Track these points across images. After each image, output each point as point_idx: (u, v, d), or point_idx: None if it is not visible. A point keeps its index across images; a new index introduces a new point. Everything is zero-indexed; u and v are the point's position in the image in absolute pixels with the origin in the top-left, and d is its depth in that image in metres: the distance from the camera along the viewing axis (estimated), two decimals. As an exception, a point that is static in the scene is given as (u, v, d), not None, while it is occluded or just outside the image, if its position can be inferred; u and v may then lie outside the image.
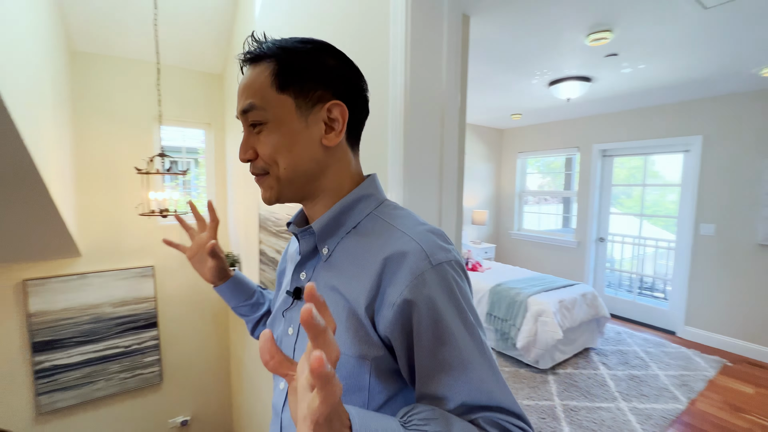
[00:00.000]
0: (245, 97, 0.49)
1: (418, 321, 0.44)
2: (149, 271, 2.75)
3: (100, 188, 2.54)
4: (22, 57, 1.38)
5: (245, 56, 0.51)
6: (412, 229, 0.48)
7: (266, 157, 0.50)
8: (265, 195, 0.53)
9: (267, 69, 0.49)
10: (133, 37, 2.40)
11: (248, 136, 0.51)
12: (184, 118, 2.82)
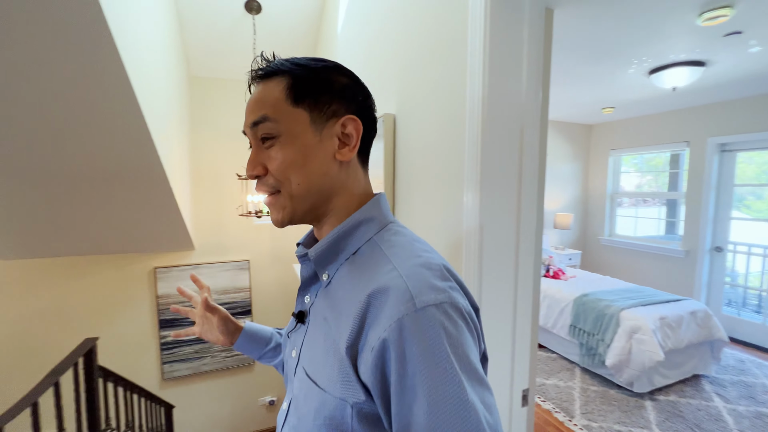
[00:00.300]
0: (257, 110, 0.47)
1: (393, 373, 0.37)
2: (246, 264, 3.12)
3: (209, 192, 2.97)
4: (158, 85, 1.70)
5: (256, 73, 0.49)
6: (404, 262, 0.43)
7: (278, 173, 0.47)
8: (278, 216, 0.49)
9: (281, 83, 0.47)
10: (236, 60, 2.76)
11: (258, 151, 0.48)
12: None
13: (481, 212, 0.82)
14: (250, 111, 0.48)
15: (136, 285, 2.83)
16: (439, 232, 0.97)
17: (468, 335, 0.39)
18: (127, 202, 2.09)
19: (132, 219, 2.29)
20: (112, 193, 1.98)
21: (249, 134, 0.49)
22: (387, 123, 1.24)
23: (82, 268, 2.69)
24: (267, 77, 0.48)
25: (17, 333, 2.58)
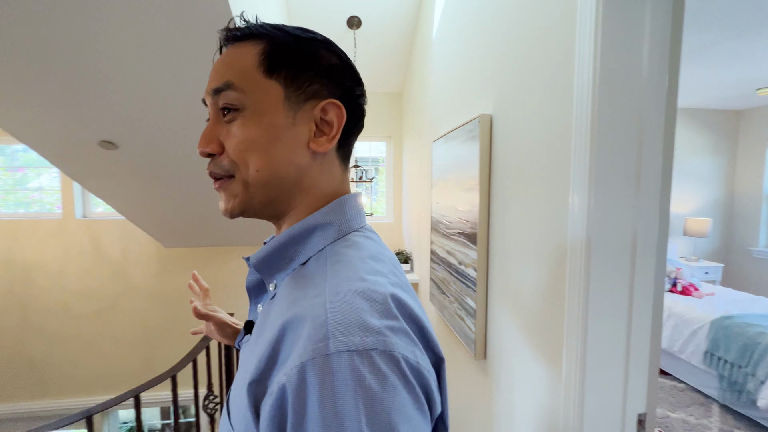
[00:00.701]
0: (221, 75, 0.39)
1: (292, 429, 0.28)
2: (343, 260, 3.39)
3: (314, 194, 3.30)
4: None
5: (230, 33, 0.41)
6: (338, 286, 0.33)
7: (235, 153, 0.39)
8: (227, 205, 0.41)
9: (255, 47, 0.39)
10: (338, 73, 3.01)
11: (215, 124, 0.40)
12: (371, 134, 3.34)
13: (590, 216, 0.76)
14: (213, 75, 0.40)
15: (256, 274, 3.31)
16: (541, 238, 0.93)
17: (404, 396, 0.29)
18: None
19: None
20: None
21: (209, 103, 0.41)
22: (483, 124, 1.23)
23: (218, 256, 3.25)
24: (241, 39, 0.40)
25: (174, 304, 3.24)
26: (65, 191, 3.11)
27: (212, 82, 0.40)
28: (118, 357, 3.22)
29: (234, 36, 0.41)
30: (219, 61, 0.41)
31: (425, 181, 2.29)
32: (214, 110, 0.41)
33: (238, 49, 0.40)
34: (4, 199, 3.25)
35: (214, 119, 0.40)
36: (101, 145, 1.82)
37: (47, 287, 3.13)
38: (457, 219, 1.52)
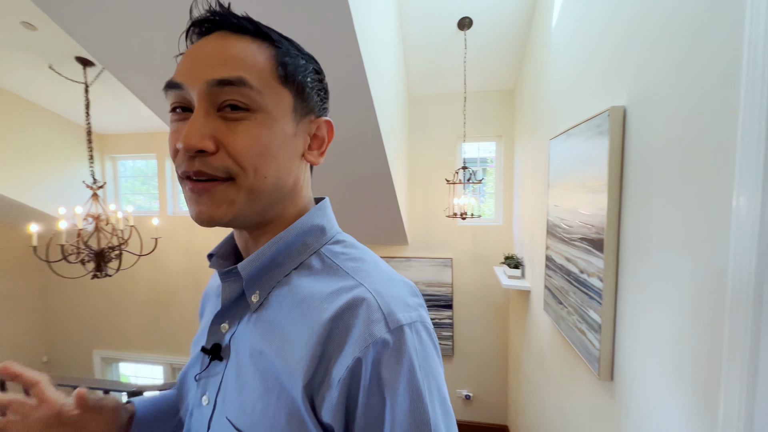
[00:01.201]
0: (231, 67, 0.36)
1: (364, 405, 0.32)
2: (449, 262, 3.39)
3: (421, 195, 3.39)
4: (389, 103, 2.10)
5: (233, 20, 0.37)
6: (370, 276, 0.37)
7: (244, 157, 0.36)
8: (213, 211, 0.37)
9: (267, 50, 0.38)
10: (448, 76, 3.03)
11: (209, 117, 0.36)
12: (480, 134, 3.26)
13: (764, 222, 0.62)
14: (222, 59, 0.36)
15: (366, 269, 3.57)
16: (689, 246, 0.79)
17: (436, 357, 0.37)
18: (361, 202, 2.68)
19: (363, 215, 2.91)
20: (353, 195, 2.58)
21: (200, 91, 0.36)
22: (614, 117, 1.10)
23: (334, 252, 3.62)
24: (246, 33, 0.38)
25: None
26: (224, 193, 3.89)
27: (216, 71, 0.35)
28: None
29: (240, 26, 0.38)
30: (222, 49, 0.36)
31: (540, 182, 2.14)
32: (206, 102, 0.36)
33: (246, 44, 0.37)
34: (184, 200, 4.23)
35: (206, 113, 0.36)
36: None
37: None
38: (578, 223, 1.39)
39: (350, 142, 1.93)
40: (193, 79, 0.36)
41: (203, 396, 0.41)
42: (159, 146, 3.93)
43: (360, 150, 2.00)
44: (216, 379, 0.40)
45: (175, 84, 0.36)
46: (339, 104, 1.62)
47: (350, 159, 2.10)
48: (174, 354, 4.09)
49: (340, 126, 1.79)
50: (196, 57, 0.37)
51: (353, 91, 1.55)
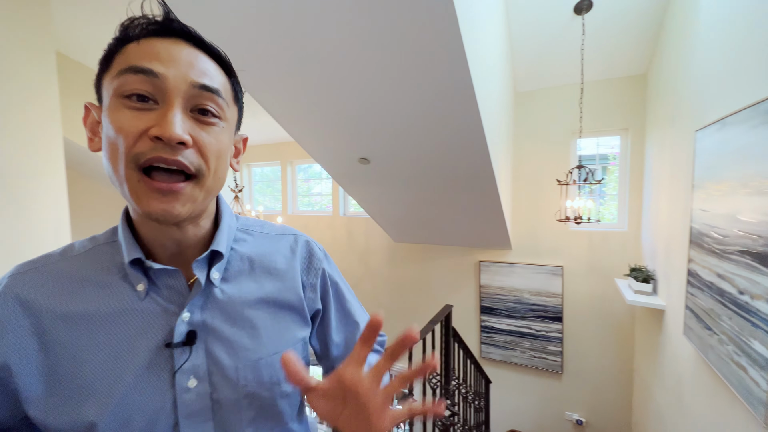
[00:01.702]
0: (211, 78, 0.41)
1: (331, 290, 0.58)
2: (558, 270, 3.09)
3: (527, 197, 3.17)
4: (494, 101, 2.03)
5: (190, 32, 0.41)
6: (285, 228, 0.58)
7: (209, 156, 0.41)
8: (180, 209, 0.40)
9: (220, 71, 0.43)
10: (560, 66, 2.77)
11: (187, 117, 0.39)
12: (599, 128, 2.90)
13: None
14: (201, 70, 0.40)
15: (466, 272, 3.50)
16: None
17: None
18: (460, 203, 2.64)
19: (466, 218, 2.86)
20: (455, 196, 2.56)
21: (180, 89, 0.38)
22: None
23: (433, 253, 3.65)
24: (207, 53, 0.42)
25: (399, 289, 3.87)
26: (334, 196, 4.26)
27: (201, 76, 0.40)
28: (360, 324, 4.14)
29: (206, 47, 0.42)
30: (199, 60, 0.41)
31: (681, 182, 1.80)
32: (186, 101, 0.39)
33: (214, 64, 0.43)
34: (302, 201, 4.78)
35: (183, 112, 0.39)
36: (360, 161, 2.41)
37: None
38: (737, 232, 1.14)
39: (451, 141, 1.93)
40: (176, 77, 0.38)
41: (188, 384, 0.42)
42: (282, 155, 4.52)
43: (461, 149, 1.99)
44: (197, 357, 0.43)
45: (151, 71, 0.37)
46: (440, 102, 1.64)
47: (450, 158, 2.10)
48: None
49: (441, 124, 1.82)
50: (176, 57, 0.39)
51: (456, 90, 1.55)
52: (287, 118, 2.05)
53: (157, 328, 0.42)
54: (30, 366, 0.39)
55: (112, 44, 0.40)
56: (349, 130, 2.04)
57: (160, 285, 0.44)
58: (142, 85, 0.37)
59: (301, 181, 4.75)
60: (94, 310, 0.41)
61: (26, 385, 0.39)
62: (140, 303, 0.43)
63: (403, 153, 2.17)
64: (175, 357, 0.42)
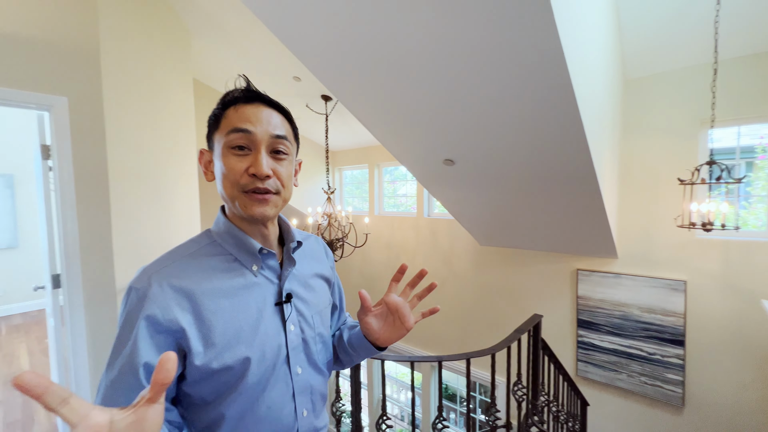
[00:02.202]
0: (280, 128, 0.62)
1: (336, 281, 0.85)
2: (680, 285, 2.62)
3: (639, 198, 2.77)
4: (594, 91, 1.82)
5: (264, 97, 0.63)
6: (305, 232, 0.80)
7: (283, 181, 0.62)
8: (270, 211, 0.61)
9: (286, 122, 0.64)
10: (683, 46, 2.36)
11: (268, 157, 0.60)
12: (742, 114, 2.38)
13: None
14: (274, 124, 0.61)
15: (560, 281, 3.20)
16: None
17: None
18: (559, 206, 2.42)
19: (561, 221, 2.62)
20: (548, 197, 2.37)
21: (264, 140, 0.60)
22: None
23: (523, 258, 3.43)
24: (276, 109, 0.63)
25: (484, 294, 3.74)
26: (418, 197, 4.31)
27: (275, 129, 0.61)
28: (442, 326, 4.10)
29: (275, 105, 0.64)
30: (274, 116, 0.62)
31: None
32: (267, 147, 0.60)
33: (281, 117, 0.64)
34: (388, 202, 4.94)
35: (266, 153, 0.60)
36: (444, 163, 2.40)
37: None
38: None
39: (545, 138, 1.80)
40: (262, 132, 0.60)
41: (291, 328, 0.65)
42: (370, 158, 4.75)
43: (556, 147, 1.83)
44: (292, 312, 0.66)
45: (246, 130, 0.59)
46: (533, 99, 1.55)
47: (543, 157, 1.96)
48: (375, 332, 4.85)
49: (533, 122, 1.70)
50: (260, 118, 0.60)
51: (550, 85, 1.44)
52: (374, 123, 2.15)
53: (269, 294, 0.64)
54: (192, 331, 0.56)
55: (218, 110, 0.62)
56: (433, 131, 2.06)
57: (265, 265, 0.65)
58: (242, 140, 0.59)
59: (387, 183, 4.91)
60: (228, 286, 0.60)
61: (193, 344, 0.55)
62: (254, 278, 0.63)
63: (490, 153, 2.10)
64: (284, 311, 0.65)
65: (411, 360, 1.42)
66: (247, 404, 0.59)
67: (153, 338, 0.53)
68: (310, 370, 0.67)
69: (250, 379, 0.58)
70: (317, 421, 0.68)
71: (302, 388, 0.65)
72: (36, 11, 1.75)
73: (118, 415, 0.37)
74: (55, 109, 1.82)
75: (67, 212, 1.87)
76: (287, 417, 0.63)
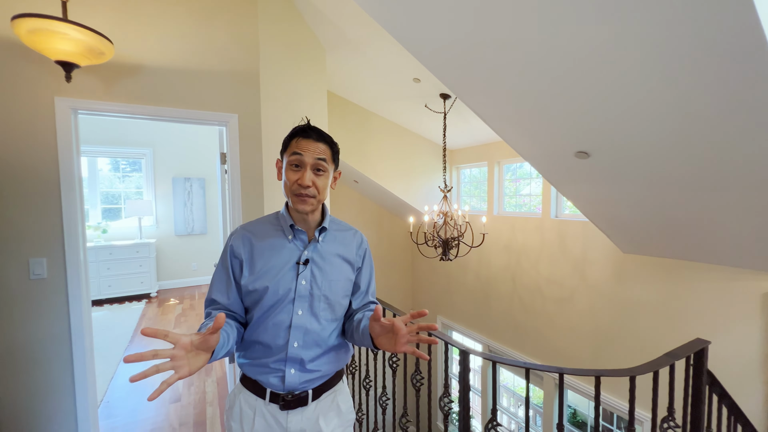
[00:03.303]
0: (321, 153, 0.94)
1: (366, 261, 1.07)
2: None
3: None
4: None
5: (321, 132, 0.96)
6: (348, 225, 1.08)
7: (320, 190, 0.95)
8: (307, 208, 0.94)
9: (329, 150, 0.96)
10: None
11: (311, 173, 0.93)
12: None
13: None
14: (316, 151, 0.93)
15: (743, 305, 2.46)
16: None
17: None
18: (744, 208, 1.87)
19: (747, 228, 2.02)
20: (727, 197, 1.85)
21: (309, 162, 0.92)
22: None
23: (683, 271, 2.76)
24: (322, 140, 0.95)
25: (626, 310, 3.16)
26: (544, 196, 3.91)
27: (318, 154, 0.93)
28: (570, 341, 3.63)
29: (322, 137, 0.95)
30: (319, 146, 0.94)
31: None
32: (310, 166, 0.92)
33: (325, 146, 0.95)
34: (508, 202, 4.64)
35: (310, 171, 0.92)
36: (576, 156, 2.12)
37: (528, 269, 4.12)
38: None
39: (719, 120, 1.41)
40: (309, 157, 0.92)
41: (302, 282, 0.94)
42: (489, 155, 4.54)
43: (741, 131, 1.42)
44: (307, 271, 0.95)
45: (300, 154, 0.92)
46: (721, 79, 1.23)
47: (719, 145, 1.54)
48: (490, 336, 4.62)
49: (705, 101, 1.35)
50: (309, 147, 0.92)
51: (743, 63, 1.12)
52: (495, 117, 2.05)
53: (294, 255, 0.96)
54: (245, 261, 0.95)
55: (287, 138, 0.96)
56: (564, 120, 1.84)
57: (297, 237, 0.98)
58: (297, 161, 0.92)
59: (508, 182, 4.62)
60: (271, 243, 0.97)
61: (244, 268, 0.94)
62: (288, 243, 0.97)
63: (639, 140, 1.76)
64: (300, 269, 0.95)
65: (525, 366, 1.30)
66: (262, 316, 0.92)
67: (231, 257, 0.96)
68: (308, 316, 0.94)
69: (266, 302, 0.91)
70: (304, 354, 0.93)
71: (297, 325, 0.92)
72: (217, 50, 2.26)
73: (195, 337, 0.71)
74: (230, 124, 2.31)
75: (235, 205, 2.36)
76: (281, 339, 0.92)
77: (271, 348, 0.91)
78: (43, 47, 1.51)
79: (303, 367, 0.92)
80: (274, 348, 0.91)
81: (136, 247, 5.18)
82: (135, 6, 2.03)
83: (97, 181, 5.53)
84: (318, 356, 0.94)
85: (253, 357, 0.94)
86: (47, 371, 1.92)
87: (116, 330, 4.00)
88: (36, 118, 1.84)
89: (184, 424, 2.37)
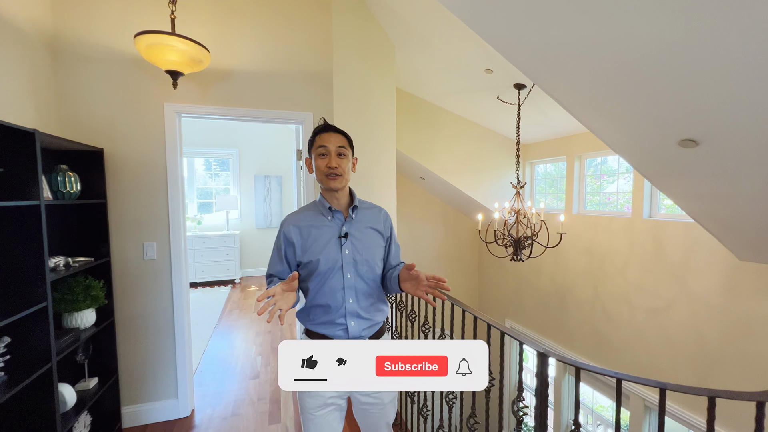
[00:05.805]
0: (341, 142, 1.18)
1: (393, 235, 1.30)
2: None
3: None
4: None
5: (337, 128, 1.21)
6: (375, 205, 1.30)
7: (344, 170, 1.17)
8: (338, 184, 1.17)
9: (345, 139, 1.20)
10: None
11: (336, 158, 1.16)
12: None
13: None
14: (338, 141, 1.18)
15: None
16: None
17: None
18: None
19: None
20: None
21: (333, 149, 1.16)
22: None
23: (828, 287, 2.24)
24: (339, 133, 1.20)
25: (740, 326, 2.67)
26: (636, 193, 3.48)
27: (339, 143, 1.18)
28: (665, 358, 3.18)
29: (340, 131, 1.21)
30: (338, 137, 1.19)
31: None
32: (334, 152, 1.16)
33: (341, 135, 1.20)
34: (590, 200, 4.21)
35: (335, 156, 1.16)
36: (680, 145, 1.83)
37: (613, 274, 3.70)
38: None
39: None
40: (332, 145, 1.16)
41: (345, 250, 1.16)
42: (569, 149, 4.17)
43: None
44: (348, 242, 1.17)
45: (326, 147, 1.16)
46: None
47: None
48: (565, 346, 4.25)
49: None
50: (332, 140, 1.17)
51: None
52: (579, 104, 1.87)
53: (335, 231, 1.18)
54: (298, 243, 1.17)
55: (312, 137, 1.20)
56: (667, 100, 1.60)
57: (335, 217, 1.19)
58: (323, 150, 1.16)
59: (590, 178, 4.20)
60: (315, 224, 1.19)
61: (297, 249, 1.17)
62: (329, 222, 1.19)
63: (762, 130, 1.47)
64: (342, 242, 1.16)
65: (617, 377, 1.15)
66: (318, 284, 1.15)
67: (285, 242, 1.18)
68: (357, 277, 1.16)
69: (320, 270, 1.13)
70: (359, 309, 1.16)
71: (349, 286, 1.15)
72: (294, 52, 2.40)
73: (283, 285, 1.01)
74: (305, 122, 2.44)
75: (309, 198, 2.49)
76: (339, 299, 1.14)
77: (330, 307, 1.14)
78: (157, 59, 1.75)
79: (360, 317, 1.16)
80: (333, 307, 1.14)
81: (223, 238, 5.79)
82: (226, 17, 2.25)
83: (194, 178, 6.30)
84: (368, 307, 1.18)
85: (316, 318, 1.17)
86: (155, 340, 2.24)
87: (206, 310, 4.51)
88: (150, 122, 2.15)
89: (261, 399, 2.58)
